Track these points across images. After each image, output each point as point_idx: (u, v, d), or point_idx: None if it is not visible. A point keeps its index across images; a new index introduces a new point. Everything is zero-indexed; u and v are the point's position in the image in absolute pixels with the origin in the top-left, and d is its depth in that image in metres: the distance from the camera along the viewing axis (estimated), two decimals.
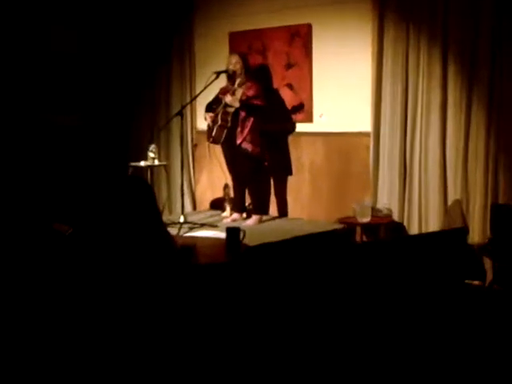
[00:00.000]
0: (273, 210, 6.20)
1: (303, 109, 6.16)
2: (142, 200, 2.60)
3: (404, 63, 5.47)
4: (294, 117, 6.21)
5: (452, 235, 3.53)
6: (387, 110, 5.60)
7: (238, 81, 5.69)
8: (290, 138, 6.17)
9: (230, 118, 5.58)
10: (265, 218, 5.85)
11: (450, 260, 3.25)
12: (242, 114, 5.56)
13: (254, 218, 5.73)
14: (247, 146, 5.57)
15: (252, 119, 5.57)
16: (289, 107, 6.21)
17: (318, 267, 3.09)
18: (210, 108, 5.77)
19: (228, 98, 5.60)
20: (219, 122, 5.63)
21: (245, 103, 5.54)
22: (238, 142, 5.56)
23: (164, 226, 2.70)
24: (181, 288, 2.57)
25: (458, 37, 5.16)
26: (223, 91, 5.74)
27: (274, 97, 6.10)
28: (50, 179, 5.99)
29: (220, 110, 5.65)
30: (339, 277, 2.96)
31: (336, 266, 3.00)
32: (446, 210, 5.22)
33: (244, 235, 3.85)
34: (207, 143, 5.80)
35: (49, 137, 6.38)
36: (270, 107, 5.78)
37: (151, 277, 2.45)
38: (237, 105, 5.54)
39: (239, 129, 5.57)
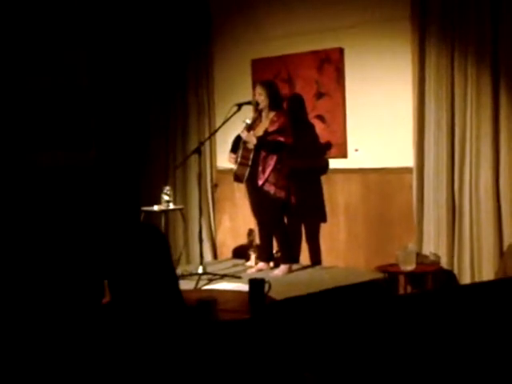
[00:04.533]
0: (304, 257, 6.17)
1: (330, 148, 6.17)
2: (154, 253, 2.60)
3: (449, 90, 5.45)
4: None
5: (510, 285, 3.46)
6: (431, 142, 5.57)
7: (262, 113, 5.75)
8: (322, 176, 6.17)
9: (251, 156, 5.61)
10: (295, 267, 5.83)
11: (508, 314, 3.18)
12: (263, 151, 5.59)
13: (283, 267, 5.71)
14: (270, 187, 5.58)
15: (275, 158, 5.58)
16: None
17: (355, 324, 3.05)
18: (237, 142, 5.80)
19: (244, 134, 5.64)
20: (239, 160, 5.67)
21: (264, 140, 5.56)
22: (260, 182, 5.58)
23: (177, 283, 2.71)
24: (197, 349, 2.56)
25: (511, 61, 5.15)
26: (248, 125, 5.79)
27: (307, 131, 6.12)
28: (56, 227, 6.04)
29: (241, 146, 5.69)
30: (380, 335, 2.91)
31: (376, 321, 2.95)
32: (503, 254, 5.14)
33: (269, 287, 3.83)
34: (234, 182, 5.83)
35: (53, 179, 6.46)
36: (299, 144, 5.79)
37: (162, 338, 2.45)
38: (254, 141, 5.56)
39: (261, 168, 5.59)
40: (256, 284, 3.80)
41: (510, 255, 4.61)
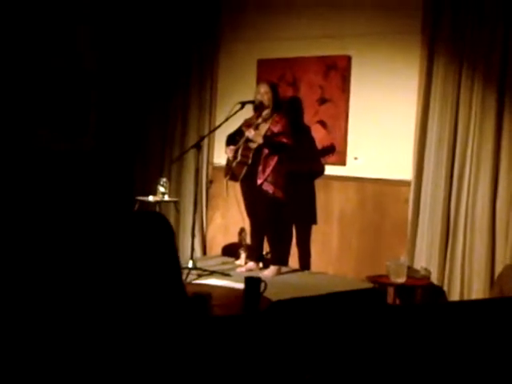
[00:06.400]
0: (293, 261, 6.14)
1: (333, 152, 6.13)
2: (160, 242, 2.56)
3: (454, 106, 5.45)
4: (323, 159, 6.17)
5: (505, 304, 3.45)
6: (432, 157, 5.57)
7: (264, 113, 5.71)
8: (319, 182, 6.15)
9: (251, 155, 5.58)
10: (284, 269, 5.80)
11: (501, 334, 3.17)
12: (265, 151, 5.56)
13: (272, 268, 5.68)
14: (268, 187, 5.55)
15: (276, 158, 5.56)
16: (319, 147, 6.19)
17: (346, 331, 3.03)
18: (231, 140, 5.77)
19: (251, 133, 5.60)
20: (239, 158, 5.63)
21: (269, 140, 5.54)
22: (259, 182, 5.55)
23: (181, 274, 2.67)
24: (196, 343, 2.52)
25: None
26: (247, 123, 5.75)
27: (304, 135, 6.10)
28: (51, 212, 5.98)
29: (241, 144, 5.65)
30: (368, 344, 2.89)
31: (365, 331, 2.94)
32: (498, 275, 5.12)
33: (265, 287, 3.81)
34: (225, 180, 5.78)
35: (48, 165, 6.41)
36: (297, 146, 5.77)
37: (163, 328, 2.41)
38: (260, 141, 5.54)
39: (261, 167, 5.56)
40: (252, 282, 3.77)
41: (507, 275, 4.60)
